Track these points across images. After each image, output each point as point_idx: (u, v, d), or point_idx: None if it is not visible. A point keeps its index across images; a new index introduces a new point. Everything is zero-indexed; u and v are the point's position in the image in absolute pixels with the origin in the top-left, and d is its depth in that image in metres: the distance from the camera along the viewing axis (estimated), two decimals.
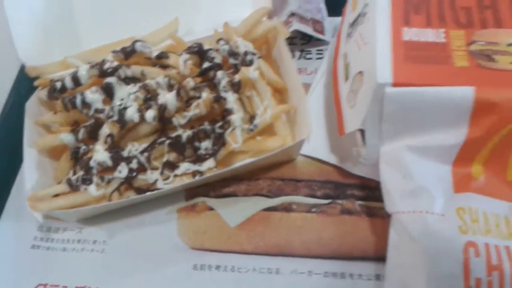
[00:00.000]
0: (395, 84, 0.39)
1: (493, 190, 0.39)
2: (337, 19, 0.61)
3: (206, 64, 0.51)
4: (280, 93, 0.54)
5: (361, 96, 0.43)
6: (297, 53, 0.60)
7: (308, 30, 0.58)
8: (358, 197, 0.47)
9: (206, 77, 0.51)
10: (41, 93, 0.53)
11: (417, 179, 0.39)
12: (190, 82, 0.49)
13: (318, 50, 0.60)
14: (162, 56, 0.52)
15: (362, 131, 0.43)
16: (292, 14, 0.58)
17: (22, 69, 0.60)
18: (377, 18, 0.44)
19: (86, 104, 0.49)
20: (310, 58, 0.59)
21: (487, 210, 0.38)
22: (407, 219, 0.39)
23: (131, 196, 0.48)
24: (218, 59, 0.52)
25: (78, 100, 0.49)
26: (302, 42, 0.61)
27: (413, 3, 0.45)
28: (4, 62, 0.62)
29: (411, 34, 0.43)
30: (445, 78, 0.39)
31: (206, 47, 0.52)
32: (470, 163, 0.39)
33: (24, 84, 0.58)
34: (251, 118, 0.50)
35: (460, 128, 0.38)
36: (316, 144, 0.50)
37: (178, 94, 0.48)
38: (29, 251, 0.49)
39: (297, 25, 0.57)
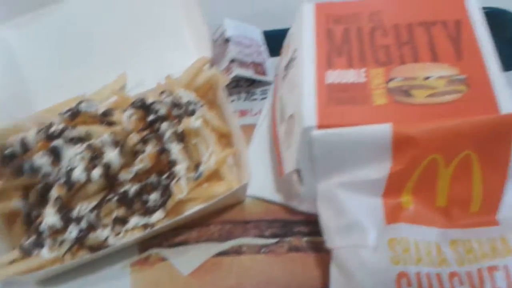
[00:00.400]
0: (319, 127, 0.41)
1: (423, 218, 0.41)
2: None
3: (151, 117, 0.53)
4: (226, 138, 0.56)
5: (294, 138, 0.45)
6: (243, 95, 0.62)
7: (249, 73, 0.60)
8: (304, 234, 0.48)
9: (152, 130, 0.53)
10: None
11: (350, 214, 0.41)
12: (133, 138, 0.51)
13: (262, 90, 0.62)
14: (106, 113, 0.53)
15: (298, 171, 0.45)
16: (233, 61, 0.60)
17: None
18: (304, 62, 0.47)
19: (35, 169, 0.50)
20: (255, 99, 0.61)
21: (418, 239, 0.39)
22: (344, 254, 0.40)
23: (85, 255, 0.49)
24: (163, 111, 0.53)
25: (27, 167, 0.50)
26: (247, 84, 0.63)
27: (335, 46, 0.48)
28: None
29: (334, 76, 0.45)
30: (365, 117, 0.41)
31: (150, 100, 0.54)
32: (399, 194, 0.41)
33: None
34: (197, 165, 0.51)
35: (383, 162, 0.40)
36: (262, 184, 0.51)
37: (121, 151, 0.49)
38: None
39: (237, 70, 0.59)
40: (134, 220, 0.49)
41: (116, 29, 0.65)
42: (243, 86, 0.63)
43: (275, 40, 0.64)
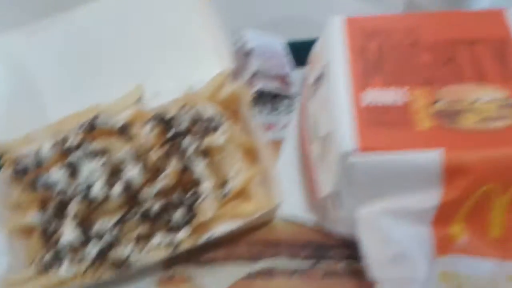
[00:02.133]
0: (359, 151, 0.39)
1: (476, 250, 0.38)
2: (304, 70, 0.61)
3: (171, 132, 0.51)
4: (252, 154, 0.53)
5: (331, 159, 0.42)
6: (267, 109, 0.60)
7: (274, 87, 0.58)
8: (341, 258, 0.46)
9: (174, 145, 0.51)
10: (4, 172, 0.51)
11: (397, 244, 0.39)
12: (155, 154, 0.48)
13: (287, 103, 0.60)
14: (125, 127, 0.51)
15: (335, 194, 0.43)
16: (255, 73, 0.58)
17: None
18: (337, 80, 0.44)
19: (50, 184, 0.47)
20: (280, 113, 0.59)
21: (471, 272, 0.37)
22: (391, 287, 0.38)
23: (106, 273, 0.46)
24: (184, 126, 0.51)
25: (41, 182, 0.47)
26: (270, 97, 0.61)
27: (370, 63, 0.45)
28: None
29: (371, 96, 0.42)
30: (409, 142, 0.39)
31: (170, 114, 0.52)
32: (449, 224, 0.39)
33: None
34: (223, 183, 0.49)
35: (433, 190, 0.38)
36: (293, 204, 0.49)
37: (143, 168, 0.47)
38: None
39: (261, 84, 0.57)
40: (158, 238, 0.47)
41: (130, 39, 0.62)
42: (267, 99, 0.61)
43: (299, 51, 0.63)
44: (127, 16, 0.63)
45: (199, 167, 0.48)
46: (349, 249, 0.46)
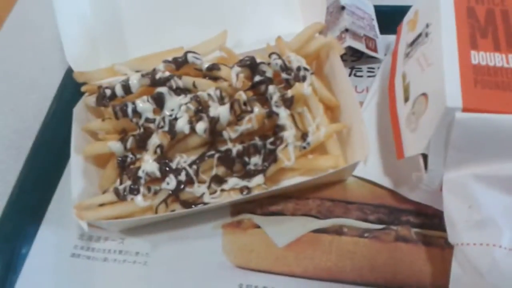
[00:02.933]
0: (465, 110, 0.38)
1: None
2: (389, 37, 0.59)
3: (257, 78, 0.50)
4: (331, 111, 0.52)
5: (425, 120, 0.41)
6: (347, 70, 0.58)
7: (361, 47, 0.56)
8: (414, 224, 0.45)
9: (257, 91, 0.50)
10: (88, 99, 0.52)
11: (484, 210, 0.37)
12: (242, 96, 0.48)
13: (369, 68, 0.58)
14: (213, 68, 0.51)
15: (424, 156, 0.41)
16: (346, 30, 0.56)
17: (67, 74, 0.60)
18: (443, 39, 0.43)
19: (136, 113, 0.48)
20: (360, 76, 0.58)
21: None
22: (472, 251, 0.37)
23: (177, 209, 0.46)
24: (269, 73, 0.50)
25: (129, 109, 0.48)
26: (352, 59, 0.59)
27: (479, 26, 0.44)
28: (49, 66, 0.62)
29: (479, 58, 0.41)
30: None
31: (258, 60, 0.51)
32: None
33: (69, 89, 0.58)
34: (303, 135, 0.48)
35: None
36: (369, 166, 0.48)
37: (231, 107, 0.47)
38: (69, 259, 0.48)
39: (350, 42, 0.56)
40: (233, 181, 0.47)
41: None
42: (348, 61, 0.59)
43: (385, 17, 0.61)
44: None
45: (283, 115, 0.47)
46: (421, 217, 0.46)
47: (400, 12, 0.55)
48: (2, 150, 0.56)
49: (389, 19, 0.58)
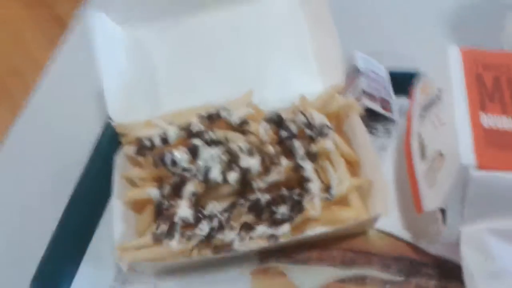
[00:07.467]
0: (479, 167, 0.42)
1: None
2: (402, 99, 0.64)
3: (283, 133, 0.55)
4: (351, 166, 0.56)
5: (442, 176, 0.45)
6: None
7: (377, 108, 0.61)
8: (433, 277, 0.48)
9: (283, 146, 0.54)
10: (127, 149, 0.57)
11: (499, 262, 0.40)
12: (271, 150, 0.53)
13: (385, 128, 0.63)
14: (244, 123, 0.55)
15: (442, 210, 0.45)
16: (363, 92, 0.61)
17: (106, 125, 0.64)
18: (455, 101, 0.47)
19: (173, 163, 0.52)
20: (377, 136, 0.62)
21: None
22: None
23: (208, 254, 0.50)
24: (294, 129, 0.55)
25: (168, 158, 0.52)
26: (368, 120, 0.64)
27: (486, 91, 0.48)
28: (89, 117, 0.67)
29: (489, 120, 0.45)
30: None
31: (283, 116, 0.56)
32: None
33: (106, 139, 0.62)
34: (327, 188, 0.52)
35: None
36: (389, 219, 0.51)
37: (262, 160, 0.51)
38: None
39: (367, 102, 0.61)
40: (261, 229, 0.50)
41: (245, 47, 0.68)
42: (364, 121, 0.64)
43: (397, 80, 0.66)
44: (244, 24, 0.68)
45: (308, 168, 0.51)
46: (441, 269, 0.48)
47: (410, 75, 0.60)
48: (43, 195, 0.60)
49: (401, 82, 0.63)
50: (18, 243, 0.56)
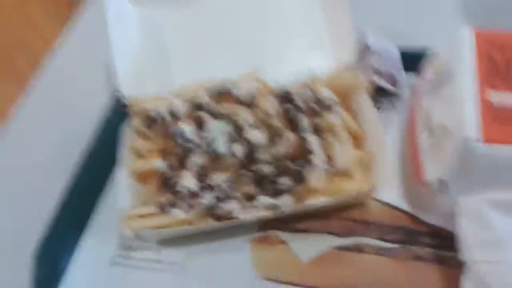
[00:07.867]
0: (485, 141, 0.42)
1: None
2: (412, 77, 0.64)
3: (289, 107, 0.55)
4: (356, 141, 0.56)
5: (446, 149, 0.45)
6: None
7: (387, 85, 0.61)
8: (429, 245, 0.48)
9: (288, 119, 0.55)
10: (135, 121, 0.58)
11: (497, 232, 0.40)
12: (277, 123, 0.53)
13: (392, 104, 0.62)
14: (251, 97, 0.56)
15: (441, 181, 0.45)
16: (373, 69, 0.61)
17: (114, 97, 0.65)
18: (464, 78, 0.47)
19: (180, 134, 0.53)
20: (384, 111, 0.62)
21: None
22: (484, 269, 0.40)
23: (211, 222, 0.51)
24: (301, 104, 0.55)
25: (176, 131, 0.53)
26: (376, 96, 0.64)
27: (498, 70, 0.48)
28: (98, 91, 0.68)
29: (497, 96, 0.45)
30: None
31: (291, 91, 0.56)
32: None
33: (114, 112, 0.63)
34: (329, 160, 0.52)
35: None
36: (388, 190, 0.52)
37: (266, 132, 0.52)
38: (108, 267, 0.52)
39: (377, 80, 0.60)
40: (264, 199, 0.51)
41: (256, 23, 0.68)
42: (372, 97, 0.64)
43: (407, 57, 0.66)
44: (260, 4, 0.68)
45: (312, 140, 0.52)
46: (437, 238, 0.49)
47: (421, 54, 0.60)
48: (51, 159, 0.61)
49: (412, 60, 0.63)
50: (24, 211, 0.57)
